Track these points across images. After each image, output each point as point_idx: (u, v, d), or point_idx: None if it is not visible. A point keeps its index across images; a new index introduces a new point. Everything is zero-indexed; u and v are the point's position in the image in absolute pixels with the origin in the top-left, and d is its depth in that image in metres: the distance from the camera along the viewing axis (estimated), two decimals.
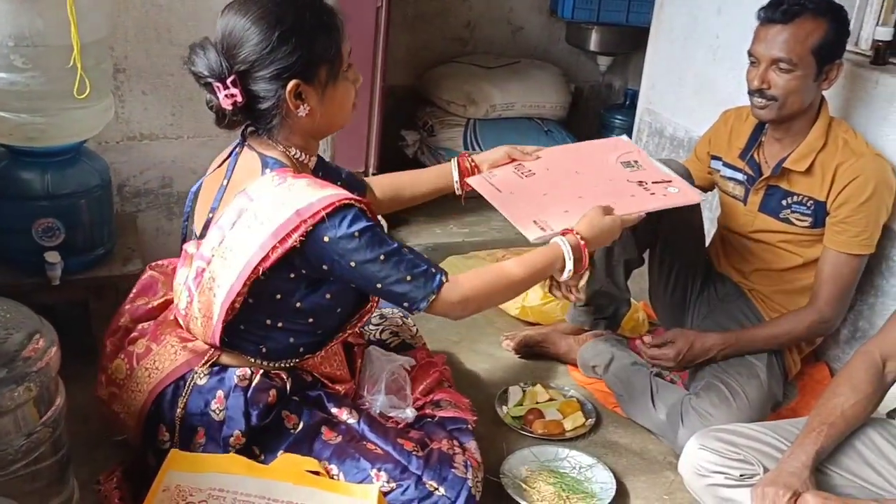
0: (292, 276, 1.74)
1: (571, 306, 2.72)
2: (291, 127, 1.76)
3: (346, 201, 1.67)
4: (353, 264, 1.67)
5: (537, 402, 2.43)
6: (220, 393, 1.79)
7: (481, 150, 4.33)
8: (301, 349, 1.89)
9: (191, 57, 1.68)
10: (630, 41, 4.73)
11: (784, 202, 2.37)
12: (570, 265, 1.86)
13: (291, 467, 1.76)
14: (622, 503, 2.11)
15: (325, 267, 1.70)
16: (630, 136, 3.65)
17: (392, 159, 4.51)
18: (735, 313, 2.48)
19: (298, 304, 1.79)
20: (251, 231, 1.68)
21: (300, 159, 1.80)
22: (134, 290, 2.05)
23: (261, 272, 1.68)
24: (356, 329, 1.98)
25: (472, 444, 2.01)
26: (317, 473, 1.78)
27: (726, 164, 2.51)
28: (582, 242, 1.87)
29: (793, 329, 2.35)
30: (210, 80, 1.67)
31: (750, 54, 2.28)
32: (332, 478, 1.80)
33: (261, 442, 1.82)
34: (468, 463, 1.90)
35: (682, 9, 3.16)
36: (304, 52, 1.66)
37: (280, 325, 1.81)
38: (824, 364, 2.68)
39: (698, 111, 2.65)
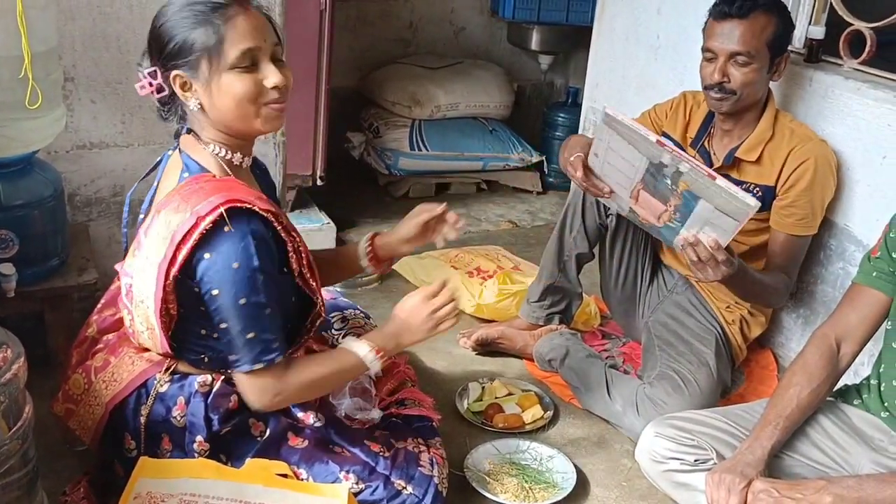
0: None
1: (525, 302, 2.78)
2: (202, 121, 1.73)
3: (244, 204, 1.62)
4: (214, 292, 1.64)
5: (496, 397, 2.48)
6: (181, 399, 1.78)
7: (428, 151, 4.41)
8: None
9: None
10: (570, 40, 4.82)
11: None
12: (374, 371, 1.87)
13: (261, 470, 1.78)
14: (583, 491, 2.17)
15: (191, 280, 1.66)
16: (565, 135, 3.74)
17: (338, 162, 4.53)
18: (683, 304, 2.57)
19: None
20: (159, 237, 1.67)
21: (229, 159, 1.75)
22: (102, 301, 2.02)
23: (171, 277, 1.65)
24: (310, 336, 1.93)
25: (436, 441, 2.05)
26: (285, 476, 1.79)
27: (677, 146, 2.58)
28: (379, 353, 1.84)
29: (775, 285, 2.39)
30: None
31: (706, 50, 2.35)
32: (301, 480, 1.82)
33: (227, 449, 1.82)
34: (434, 460, 1.94)
35: (623, 10, 3.25)
36: (179, 42, 1.66)
37: (216, 335, 1.74)
38: (769, 350, 2.79)
39: (642, 109, 2.72)
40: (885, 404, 1.90)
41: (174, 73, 1.67)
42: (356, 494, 1.80)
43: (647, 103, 2.75)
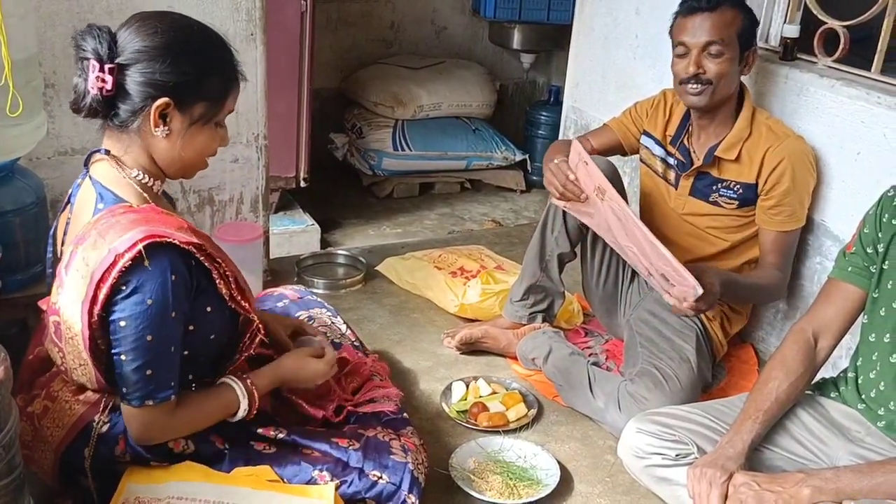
0: None
1: (508, 302, 2.79)
2: (142, 144, 1.68)
3: (163, 238, 1.58)
4: (122, 324, 1.59)
5: (480, 396, 2.49)
6: (120, 438, 1.74)
7: (411, 151, 4.43)
8: (189, 377, 1.80)
9: (88, 28, 1.61)
10: (552, 39, 4.85)
11: (714, 187, 2.52)
12: (243, 408, 1.80)
13: (249, 475, 1.78)
14: (566, 487, 2.19)
15: (112, 313, 1.61)
16: (557, 133, 3.77)
17: (322, 163, 4.54)
18: (664, 301, 2.58)
19: None
20: (79, 275, 1.62)
21: (145, 182, 1.71)
22: (34, 338, 1.94)
23: (95, 315, 1.60)
24: (251, 351, 1.87)
25: (408, 431, 2.04)
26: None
27: (658, 144, 2.64)
28: (254, 388, 1.82)
29: (769, 285, 2.48)
30: (89, 56, 1.59)
31: (678, 45, 2.40)
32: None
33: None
34: (406, 447, 1.94)
35: (601, 9, 3.28)
36: (192, 80, 1.63)
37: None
38: (749, 346, 2.82)
39: (621, 108, 2.75)
40: (862, 396, 1.93)
41: (163, 98, 1.61)
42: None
43: (627, 102, 2.78)
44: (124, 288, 1.58)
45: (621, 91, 3.23)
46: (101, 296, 1.58)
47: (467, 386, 2.54)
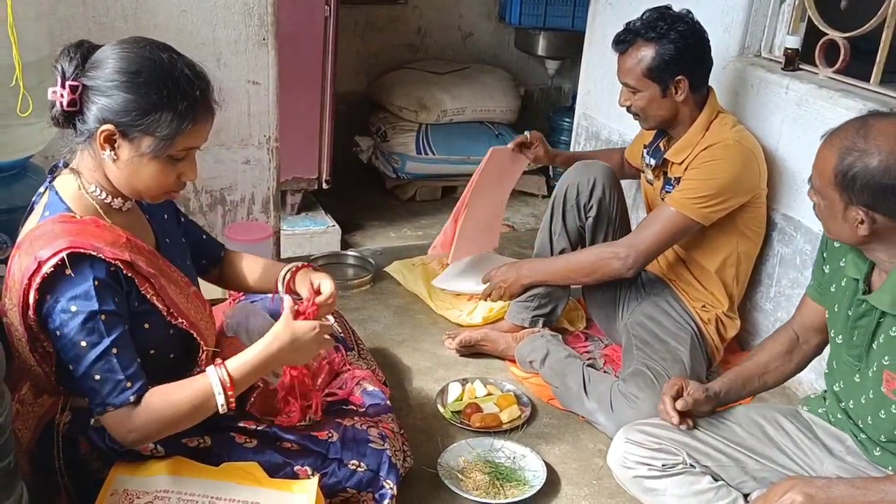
0: None
1: (512, 303, 2.82)
2: (97, 163, 1.69)
3: (86, 251, 1.60)
4: (58, 333, 1.62)
5: (475, 397, 2.53)
6: (81, 439, 1.75)
7: (434, 155, 4.47)
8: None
9: (70, 44, 1.68)
10: (576, 45, 4.79)
11: (667, 187, 2.59)
12: (220, 400, 1.71)
13: (236, 469, 1.82)
14: (553, 489, 2.22)
15: (47, 322, 1.64)
16: (570, 139, 3.80)
17: (347, 166, 4.61)
18: (660, 304, 2.62)
19: None
20: (15, 280, 1.66)
21: (103, 198, 1.72)
22: None
23: (30, 320, 1.64)
24: (202, 369, 1.81)
25: (387, 417, 2.09)
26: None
27: (647, 152, 2.73)
28: (228, 378, 1.71)
29: (584, 258, 2.63)
30: (56, 70, 1.65)
31: None
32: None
33: None
34: (384, 434, 1.98)
35: (612, 18, 3.29)
36: (139, 113, 1.61)
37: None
38: (748, 354, 2.81)
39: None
40: (841, 405, 1.94)
41: (108, 126, 1.62)
42: None
43: None
44: (49, 297, 1.61)
45: None
46: (31, 301, 1.62)
47: (464, 387, 2.57)
